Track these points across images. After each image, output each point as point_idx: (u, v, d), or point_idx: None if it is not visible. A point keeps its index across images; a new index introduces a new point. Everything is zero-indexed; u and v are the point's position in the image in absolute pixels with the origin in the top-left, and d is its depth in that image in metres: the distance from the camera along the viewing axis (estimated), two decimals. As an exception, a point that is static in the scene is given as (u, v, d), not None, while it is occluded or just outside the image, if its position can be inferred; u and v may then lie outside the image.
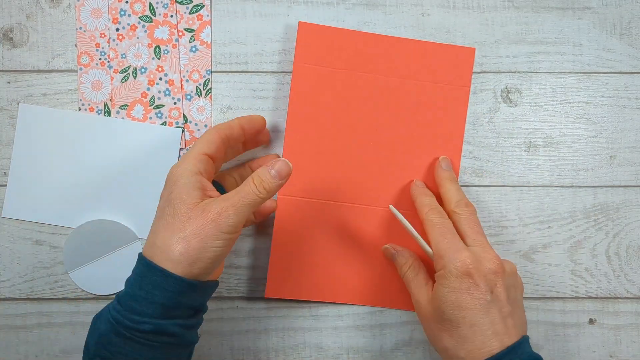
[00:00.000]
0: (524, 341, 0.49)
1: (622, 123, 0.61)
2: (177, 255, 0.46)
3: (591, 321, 0.61)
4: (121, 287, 0.60)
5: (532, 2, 0.61)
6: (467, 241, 0.52)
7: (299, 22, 0.58)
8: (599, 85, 0.61)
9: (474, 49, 0.59)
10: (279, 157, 0.59)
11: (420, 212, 0.55)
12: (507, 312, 0.49)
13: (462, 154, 0.60)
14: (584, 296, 0.61)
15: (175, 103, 0.60)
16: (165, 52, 0.60)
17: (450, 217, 0.54)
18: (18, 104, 0.60)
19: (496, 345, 0.48)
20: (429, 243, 0.53)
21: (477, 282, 0.49)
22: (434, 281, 0.52)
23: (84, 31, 0.60)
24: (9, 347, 0.60)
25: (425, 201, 0.55)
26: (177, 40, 0.60)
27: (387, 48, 0.59)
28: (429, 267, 0.55)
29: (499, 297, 0.49)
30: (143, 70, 0.60)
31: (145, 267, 0.47)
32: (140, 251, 0.54)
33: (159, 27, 0.60)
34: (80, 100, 0.60)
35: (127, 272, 0.61)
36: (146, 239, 0.49)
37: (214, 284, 0.50)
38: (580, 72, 0.61)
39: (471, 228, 0.53)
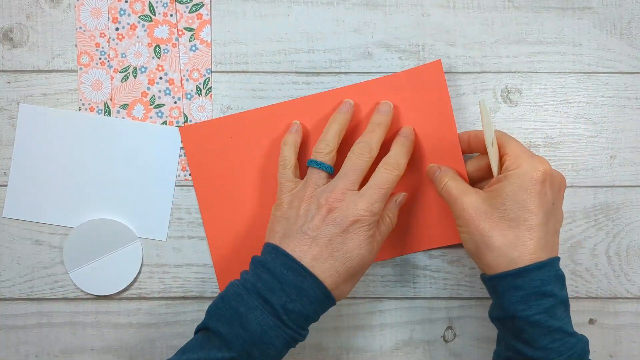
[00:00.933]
0: (556, 260, 0.51)
1: (622, 123, 0.61)
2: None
3: (591, 321, 0.61)
4: (121, 286, 0.60)
5: (532, 2, 0.61)
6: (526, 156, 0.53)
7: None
8: (599, 85, 0.61)
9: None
10: None
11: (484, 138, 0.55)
12: (558, 228, 0.53)
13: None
14: (584, 296, 0.61)
15: (175, 102, 0.60)
16: (165, 51, 0.60)
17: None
18: (18, 104, 0.60)
19: (544, 255, 0.50)
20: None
21: (547, 191, 0.51)
22: (479, 188, 0.54)
23: (84, 31, 0.60)
24: (9, 347, 0.60)
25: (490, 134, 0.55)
26: (177, 39, 0.60)
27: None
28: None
29: (558, 211, 0.52)
30: (143, 69, 0.60)
31: (325, 297, 0.51)
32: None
33: (159, 26, 0.60)
34: (81, 100, 0.60)
35: (127, 272, 0.61)
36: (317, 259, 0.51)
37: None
38: (580, 72, 0.61)
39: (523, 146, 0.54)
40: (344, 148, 0.55)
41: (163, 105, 0.60)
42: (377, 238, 0.53)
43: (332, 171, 0.55)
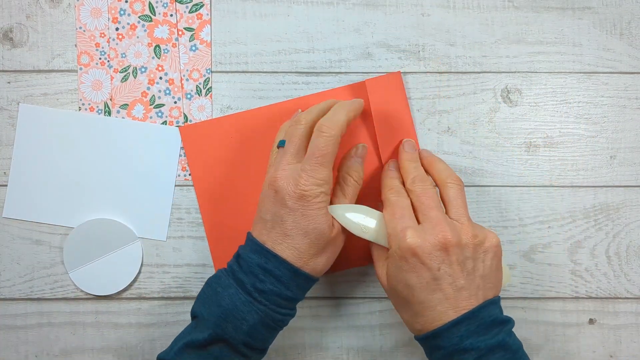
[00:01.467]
0: (486, 305, 0.48)
1: (622, 123, 0.61)
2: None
3: (591, 321, 0.61)
4: (121, 286, 0.60)
5: (532, 2, 0.61)
6: (419, 217, 0.51)
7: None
8: (599, 85, 0.61)
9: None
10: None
11: (382, 192, 0.54)
12: (462, 284, 0.48)
13: (460, 154, 0.60)
14: (584, 296, 0.61)
15: (175, 102, 0.60)
16: (165, 51, 0.60)
17: (409, 195, 0.53)
18: (18, 104, 0.60)
19: (452, 314, 0.48)
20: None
21: (423, 260, 0.48)
22: None
23: (84, 31, 0.60)
24: (9, 347, 0.60)
25: (387, 183, 0.55)
26: (177, 39, 0.60)
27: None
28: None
29: (449, 272, 0.48)
30: (143, 69, 0.60)
31: (293, 274, 0.50)
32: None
33: (159, 26, 0.60)
34: (81, 100, 0.60)
35: (127, 272, 0.61)
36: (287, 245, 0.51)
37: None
38: (580, 72, 0.61)
39: (422, 203, 0.51)
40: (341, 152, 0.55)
41: (163, 105, 0.60)
42: (343, 201, 0.53)
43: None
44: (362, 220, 0.52)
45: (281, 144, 0.53)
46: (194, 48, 0.60)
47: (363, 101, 0.55)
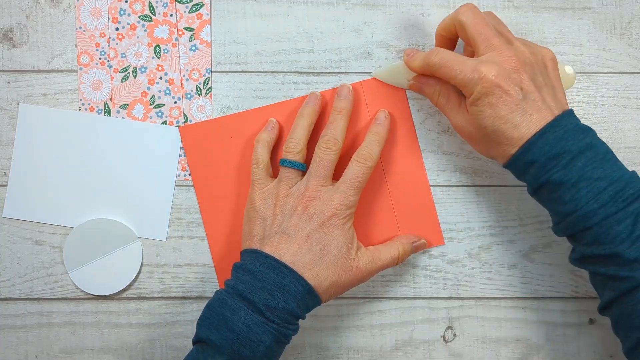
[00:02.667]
0: (564, 115, 0.50)
1: (622, 123, 0.61)
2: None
3: (591, 321, 0.61)
4: (121, 286, 0.60)
5: (532, 2, 0.61)
6: (480, 47, 0.51)
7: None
8: (599, 85, 0.61)
9: None
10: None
11: (423, 69, 0.55)
12: (540, 98, 0.50)
13: (460, 154, 0.60)
14: (584, 296, 0.61)
15: (175, 102, 0.60)
16: (165, 51, 0.60)
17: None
18: (18, 104, 0.60)
19: (536, 128, 0.49)
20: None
21: (506, 87, 0.49)
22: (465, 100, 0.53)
23: (84, 31, 0.60)
24: (9, 347, 0.60)
25: (420, 60, 0.55)
26: (177, 39, 0.60)
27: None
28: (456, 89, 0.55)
29: (528, 90, 0.50)
30: (143, 69, 0.60)
31: (306, 292, 0.51)
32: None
33: (159, 26, 0.60)
34: (80, 100, 0.60)
35: (127, 272, 0.61)
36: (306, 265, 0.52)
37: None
38: (580, 72, 0.61)
39: (480, 33, 0.52)
40: (315, 139, 0.56)
41: (163, 105, 0.60)
42: (357, 240, 0.55)
43: (304, 168, 0.55)
44: (402, 73, 0.57)
45: (284, 164, 0.55)
46: (194, 48, 0.60)
47: (389, 122, 0.58)
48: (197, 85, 0.60)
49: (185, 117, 0.60)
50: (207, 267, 0.61)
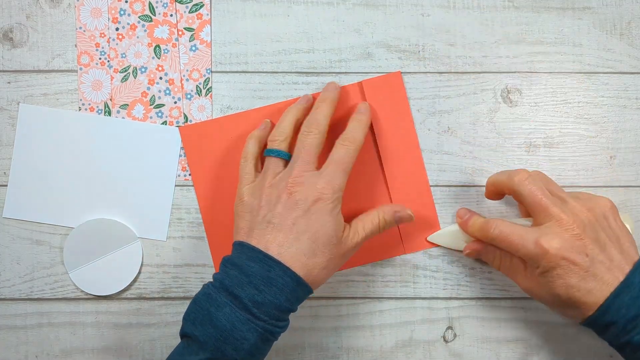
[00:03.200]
0: (636, 267, 0.49)
1: (623, 123, 0.61)
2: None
3: (591, 321, 0.61)
4: (121, 286, 0.60)
5: (532, 2, 0.61)
6: (538, 219, 0.52)
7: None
8: (599, 86, 0.61)
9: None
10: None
11: (478, 236, 0.56)
12: (608, 258, 0.50)
13: (460, 154, 0.60)
14: (584, 296, 0.61)
15: (175, 102, 0.60)
16: (165, 51, 0.60)
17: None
18: (18, 104, 0.60)
19: (609, 290, 0.49)
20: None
21: (571, 258, 0.49)
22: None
23: (84, 31, 0.60)
24: (9, 347, 0.60)
25: (473, 226, 0.56)
26: (177, 39, 0.60)
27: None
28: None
29: (594, 254, 0.50)
30: (143, 69, 0.60)
31: (296, 284, 0.50)
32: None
33: (159, 26, 0.60)
34: (81, 100, 0.60)
35: (127, 272, 0.61)
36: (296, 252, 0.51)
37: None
38: (580, 72, 0.61)
39: (535, 203, 0.52)
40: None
41: (163, 105, 0.60)
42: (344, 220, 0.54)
43: (288, 157, 0.55)
44: (460, 236, 0.58)
45: (269, 153, 0.54)
46: (194, 48, 0.60)
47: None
48: (197, 86, 0.60)
49: (185, 117, 0.60)
50: (207, 267, 0.61)
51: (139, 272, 0.60)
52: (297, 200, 0.51)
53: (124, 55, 0.60)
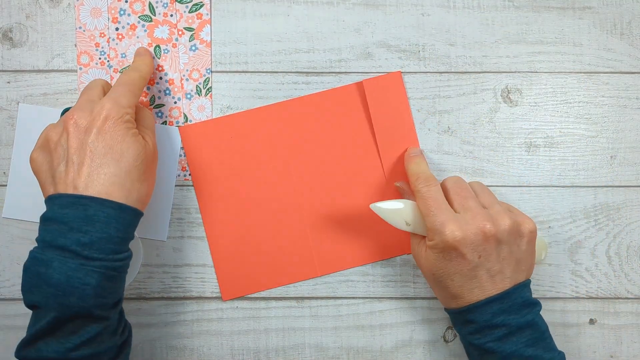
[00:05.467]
0: (518, 287, 0.51)
1: (623, 123, 0.61)
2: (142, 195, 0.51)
3: (591, 321, 0.61)
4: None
5: (532, 2, 0.61)
6: (455, 206, 0.53)
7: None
8: (600, 85, 0.61)
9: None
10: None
11: (410, 181, 0.56)
12: (497, 269, 0.51)
13: (460, 154, 0.60)
14: (585, 296, 0.61)
15: (175, 102, 0.60)
16: (165, 51, 0.60)
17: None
18: (18, 104, 0.60)
19: (485, 295, 0.51)
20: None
21: (463, 251, 0.50)
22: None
23: (84, 31, 0.60)
24: (9, 347, 0.60)
25: (412, 169, 0.56)
26: (177, 39, 0.60)
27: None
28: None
29: (487, 259, 0.51)
30: (143, 70, 0.60)
31: (119, 211, 0.48)
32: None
33: (159, 26, 0.60)
34: (80, 100, 0.60)
35: (127, 272, 0.60)
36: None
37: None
38: (580, 72, 0.61)
39: (458, 194, 0.53)
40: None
41: (163, 105, 0.60)
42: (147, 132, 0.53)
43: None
44: (402, 215, 0.54)
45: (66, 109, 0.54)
46: (194, 48, 0.60)
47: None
48: (197, 85, 0.60)
49: (185, 117, 0.60)
50: (207, 267, 0.61)
51: (139, 272, 0.60)
52: (86, 126, 0.49)
53: (124, 55, 0.60)
